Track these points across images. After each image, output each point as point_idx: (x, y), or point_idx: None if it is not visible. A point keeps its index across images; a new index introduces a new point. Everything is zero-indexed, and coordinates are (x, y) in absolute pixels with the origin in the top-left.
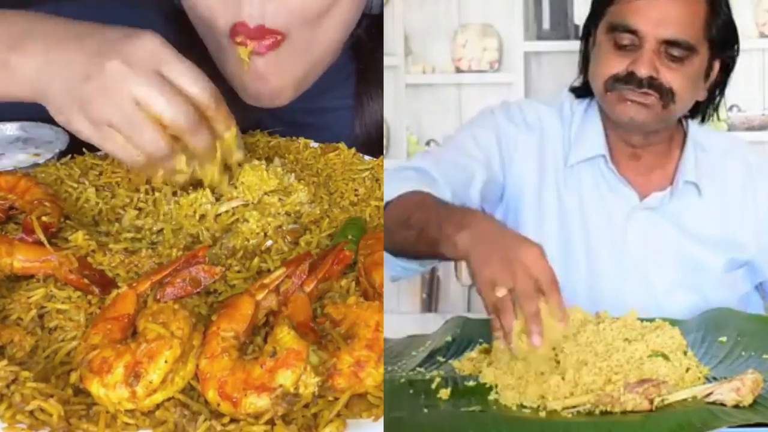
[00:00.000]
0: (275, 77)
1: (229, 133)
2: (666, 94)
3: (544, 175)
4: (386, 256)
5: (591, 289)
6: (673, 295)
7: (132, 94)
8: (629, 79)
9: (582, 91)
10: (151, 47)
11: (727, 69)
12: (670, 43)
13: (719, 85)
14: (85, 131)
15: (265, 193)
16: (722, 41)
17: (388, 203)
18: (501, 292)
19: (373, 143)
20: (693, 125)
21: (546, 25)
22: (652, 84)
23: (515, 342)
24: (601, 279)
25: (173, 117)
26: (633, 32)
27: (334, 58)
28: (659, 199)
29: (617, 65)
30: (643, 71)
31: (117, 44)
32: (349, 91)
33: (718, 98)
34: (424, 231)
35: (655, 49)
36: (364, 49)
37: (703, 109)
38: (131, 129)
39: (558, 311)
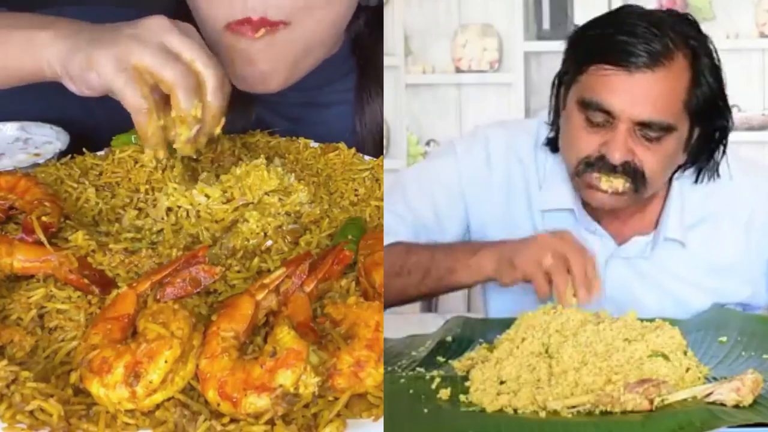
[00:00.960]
0: (265, 62)
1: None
2: (638, 179)
3: (512, 218)
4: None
5: None
6: None
7: (166, 41)
8: (601, 163)
9: (556, 145)
10: (188, 25)
11: (722, 131)
12: (645, 124)
13: (712, 146)
14: (104, 64)
15: (265, 193)
16: (706, 114)
17: None
18: (548, 260)
19: (374, 139)
20: (677, 182)
21: (546, 25)
22: (626, 168)
23: (568, 299)
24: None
25: (203, 65)
26: (606, 112)
27: (332, 50)
28: (639, 249)
29: (589, 145)
30: (616, 156)
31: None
32: (349, 86)
33: (709, 160)
34: (428, 271)
35: (629, 130)
36: (364, 42)
37: (696, 171)
38: (160, 60)
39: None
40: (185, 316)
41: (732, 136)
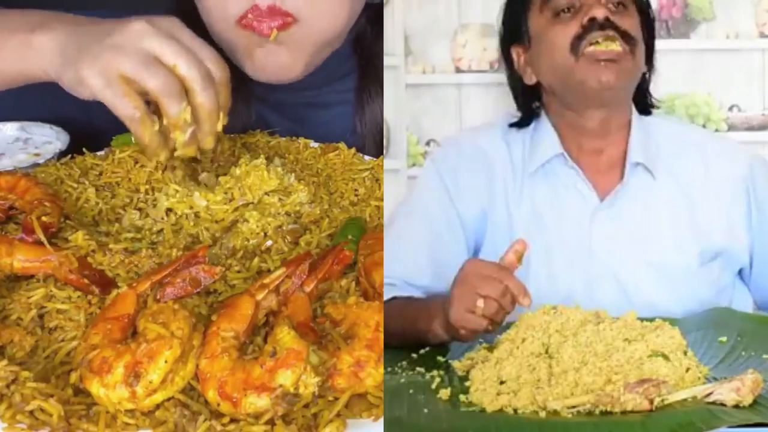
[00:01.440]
0: (285, 53)
1: (224, 112)
2: (628, 38)
3: (493, 202)
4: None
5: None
6: (647, 296)
7: (150, 47)
8: (590, 28)
9: (523, 122)
10: (173, 21)
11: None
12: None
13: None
14: (91, 78)
15: (265, 193)
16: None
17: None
18: (480, 304)
19: (374, 139)
20: (636, 111)
21: None
22: (614, 25)
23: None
24: (570, 288)
25: (187, 69)
26: (571, 4)
27: (338, 45)
28: (616, 193)
29: (570, 29)
30: (599, 12)
31: (136, 17)
32: (350, 86)
33: (648, 87)
34: (408, 333)
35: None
36: (366, 41)
37: (640, 97)
38: (144, 69)
39: (517, 287)
40: (185, 316)
41: (732, 136)
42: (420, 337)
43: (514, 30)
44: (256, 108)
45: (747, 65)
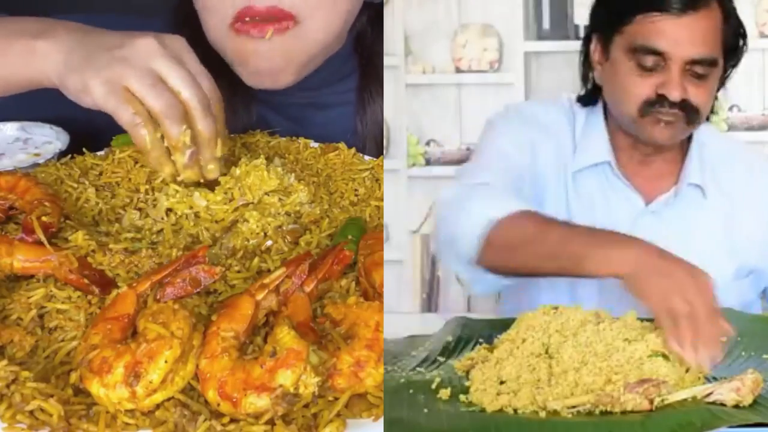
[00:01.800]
0: (279, 59)
1: (222, 137)
2: (692, 113)
3: (558, 178)
4: (484, 275)
5: (599, 298)
6: None
7: (156, 66)
8: (662, 102)
9: (588, 99)
10: (181, 42)
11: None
12: (695, 62)
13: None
14: (99, 94)
15: (265, 193)
16: (735, 46)
17: (496, 223)
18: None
19: (375, 140)
20: (696, 133)
21: (546, 25)
22: (683, 106)
23: (689, 355)
24: (607, 289)
25: (189, 95)
26: (658, 54)
27: (338, 47)
28: (663, 202)
29: (645, 88)
30: (675, 95)
31: (145, 33)
32: (351, 87)
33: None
34: (561, 250)
35: (681, 69)
36: (366, 41)
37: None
38: (149, 88)
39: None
40: (185, 316)
41: (732, 136)
42: (574, 261)
43: (604, 24)
44: (256, 108)
45: (747, 65)
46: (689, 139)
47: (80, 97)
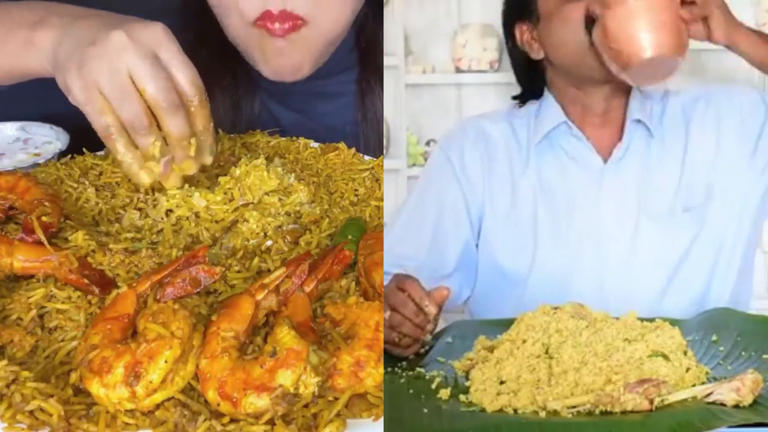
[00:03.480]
0: (296, 54)
1: (207, 134)
2: None
3: (493, 178)
4: None
5: (569, 268)
6: (649, 248)
7: (126, 65)
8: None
9: (525, 96)
10: (157, 32)
11: None
12: None
13: None
14: (75, 90)
15: (265, 193)
16: None
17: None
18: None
19: (376, 132)
20: None
21: None
22: None
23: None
24: (577, 249)
25: (154, 92)
26: None
27: (343, 37)
28: (618, 156)
29: (582, 9)
30: None
31: (127, 22)
32: (354, 77)
33: None
34: None
35: None
36: (367, 33)
37: None
38: (119, 97)
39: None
40: (185, 316)
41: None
42: None
43: (520, 6)
44: (260, 99)
45: (747, 65)
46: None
47: (67, 94)
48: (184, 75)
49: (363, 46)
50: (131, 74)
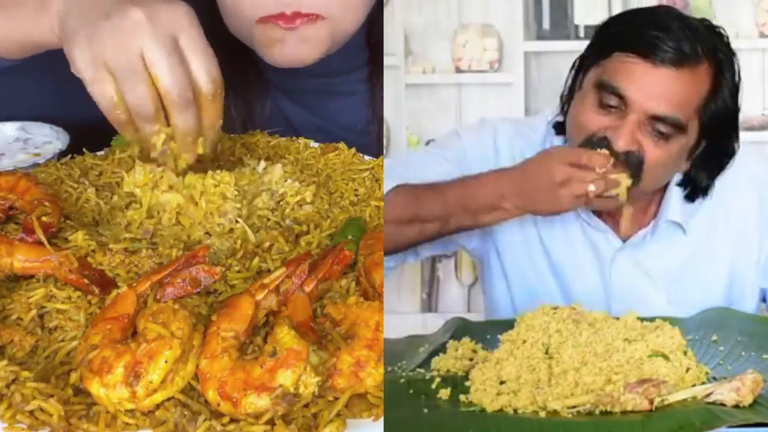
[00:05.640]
0: (305, 46)
1: (213, 130)
2: (636, 168)
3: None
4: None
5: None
6: None
7: (140, 47)
8: (603, 145)
9: (563, 128)
10: (179, 14)
11: (724, 152)
12: (658, 118)
13: (713, 164)
14: (81, 65)
15: (264, 194)
16: (715, 128)
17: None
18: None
19: (379, 131)
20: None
21: (546, 25)
22: (628, 159)
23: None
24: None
25: (169, 85)
26: (621, 97)
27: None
28: (641, 237)
29: (595, 124)
30: (621, 143)
31: (142, 4)
32: (366, 76)
33: (707, 178)
34: (446, 218)
35: (639, 121)
36: (378, 30)
37: (684, 181)
38: (126, 77)
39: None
40: (185, 316)
41: None
42: (461, 226)
43: (589, 53)
44: (272, 97)
45: (747, 65)
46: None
47: (71, 64)
48: (204, 67)
49: (374, 45)
50: (144, 58)
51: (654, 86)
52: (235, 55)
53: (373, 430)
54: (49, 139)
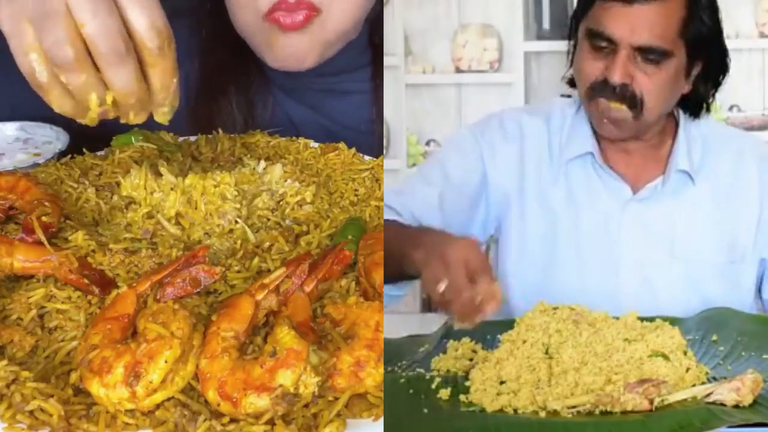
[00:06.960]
0: (303, 44)
1: (166, 92)
2: (635, 105)
3: (524, 182)
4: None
5: (584, 289)
6: (671, 290)
7: None
8: (604, 87)
9: (573, 82)
10: None
11: (717, 69)
12: (644, 49)
13: (710, 82)
14: (2, 18)
15: (264, 194)
16: (701, 44)
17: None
18: (441, 288)
19: (379, 131)
20: (684, 116)
21: (546, 25)
22: (625, 93)
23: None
24: (597, 273)
25: (93, 33)
26: (608, 39)
27: (355, 35)
28: (651, 189)
29: (594, 69)
30: (616, 78)
31: None
32: (369, 75)
33: (709, 95)
34: (393, 255)
35: (629, 55)
36: (380, 30)
37: (691, 105)
38: (42, 22)
39: (487, 294)
40: (185, 316)
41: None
42: (401, 263)
43: (578, 12)
44: (274, 96)
45: (747, 65)
46: (676, 124)
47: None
48: (144, 16)
49: (377, 44)
50: (67, 3)
51: (632, 22)
52: (237, 54)
53: (373, 430)
54: (49, 139)
